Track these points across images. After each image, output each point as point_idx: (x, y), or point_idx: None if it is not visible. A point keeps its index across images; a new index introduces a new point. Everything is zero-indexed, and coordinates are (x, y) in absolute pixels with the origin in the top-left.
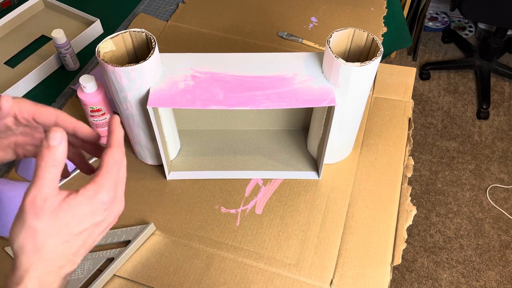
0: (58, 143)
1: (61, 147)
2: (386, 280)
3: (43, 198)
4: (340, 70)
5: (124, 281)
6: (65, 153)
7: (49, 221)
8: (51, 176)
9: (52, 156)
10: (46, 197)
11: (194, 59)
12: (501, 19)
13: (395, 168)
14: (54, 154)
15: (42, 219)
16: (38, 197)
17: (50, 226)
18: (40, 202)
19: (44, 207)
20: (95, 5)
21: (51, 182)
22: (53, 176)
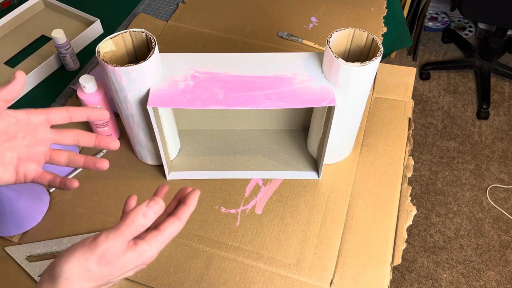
0: (152, 215)
1: (153, 218)
2: (386, 280)
3: (113, 252)
4: (340, 70)
5: (124, 281)
6: (150, 223)
7: (104, 270)
8: (130, 236)
9: (141, 221)
10: (116, 253)
11: (194, 59)
12: (501, 19)
13: (395, 168)
14: (144, 221)
15: (101, 268)
16: (111, 250)
17: (102, 273)
18: (109, 254)
19: (110, 259)
20: (95, 5)
21: (127, 241)
22: (131, 236)
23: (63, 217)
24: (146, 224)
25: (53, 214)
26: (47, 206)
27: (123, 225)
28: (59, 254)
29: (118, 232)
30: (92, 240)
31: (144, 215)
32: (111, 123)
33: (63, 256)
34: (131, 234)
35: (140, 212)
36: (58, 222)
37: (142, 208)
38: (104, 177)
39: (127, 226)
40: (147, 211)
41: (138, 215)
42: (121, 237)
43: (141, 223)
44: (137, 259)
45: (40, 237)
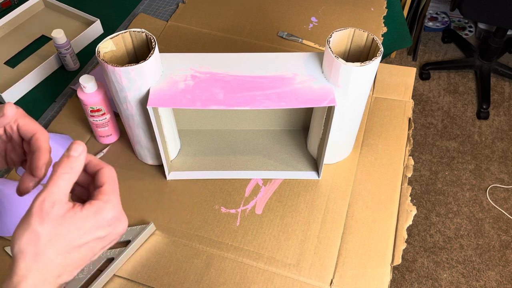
0: (78, 154)
1: (80, 158)
2: (386, 280)
3: (51, 203)
4: (340, 70)
5: (124, 281)
6: (82, 166)
7: (53, 229)
8: (65, 183)
9: (69, 164)
10: (55, 202)
11: (194, 59)
12: (501, 19)
13: (395, 168)
14: (72, 163)
15: (47, 225)
16: (47, 201)
17: (53, 234)
18: (47, 206)
19: (51, 212)
20: (95, 5)
21: (63, 189)
22: (66, 183)
23: None
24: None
25: None
26: None
27: (52, 174)
28: None
29: (49, 181)
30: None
31: (67, 156)
32: (111, 123)
33: (14, 231)
34: (64, 180)
35: (64, 156)
36: None
37: (64, 153)
38: None
39: (55, 172)
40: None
41: (63, 159)
42: (53, 186)
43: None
44: (93, 217)
45: None
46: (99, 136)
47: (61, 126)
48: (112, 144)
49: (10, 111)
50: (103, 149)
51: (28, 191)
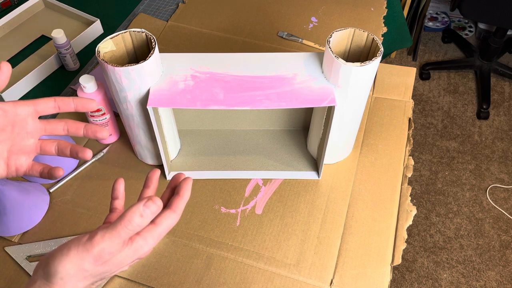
0: (150, 215)
1: (150, 218)
2: (386, 280)
3: (109, 252)
4: (340, 70)
5: (124, 281)
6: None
7: (100, 268)
8: (126, 236)
9: (138, 221)
10: (112, 252)
11: (194, 59)
12: (501, 19)
13: (395, 168)
14: (142, 222)
15: (97, 267)
16: (107, 250)
17: (97, 272)
18: (105, 254)
19: (106, 258)
20: (95, 5)
21: (123, 240)
22: (128, 236)
23: (63, 217)
24: (143, 224)
25: (53, 214)
26: (47, 206)
27: (119, 225)
28: (53, 252)
29: (115, 232)
30: (87, 240)
31: (141, 215)
32: (111, 123)
33: (57, 255)
34: (128, 234)
35: (138, 212)
36: (58, 222)
37: (139, 207)
38: (104, 177)
39: (124, 226)
40: (145, 211)
41: (135, 215)
42: (117, 238)
43: (138, 223)
44: (133, 255)
45: (40, 237)
46: None
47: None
48: (112, 144)
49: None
50: (103, 149)
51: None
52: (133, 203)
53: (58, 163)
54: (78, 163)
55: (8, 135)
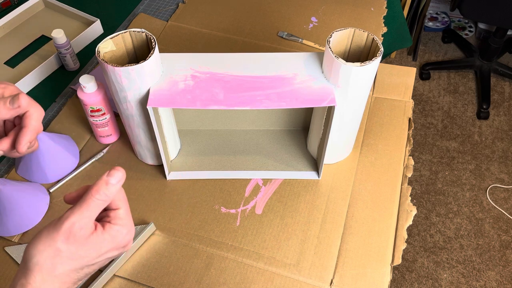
0: (116, 182)
1: (117, 185)
2: (386, 280)
3: (80, 227)
4: (340, 70)
5: (124, 281)
6: (116, 193)
7: (75, 250)
8: (97, 209)
9: (106, 191)
10: (83, 227)
11: (194, 59)
12: (501, 19)
13: (395, 168)
14: (108, 190)
15: (70, 246)
16: (77, 224)
17: (73, 254)
18: (76, 229)
19: (77, 235)
20: (95, 5)
21: (94, 214)
22: (98, 209)
23: None
24: (109, 193)
25: (53, 214)
26: (47, 206)
27: (88, 197)
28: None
29: (84, 204)
30: (57, 219)
31: (106, 183)
32: (111, 123)
33: (32, 241)
34: (97, 205)
35: (103, 181)
36: None
37: (103, 177)
38: None
39: (92, 196)
40: (110, 179)
41: (101, 185)
42: (86, 210)
43: (105, 192)
44: (110, 240)
45: None
46: (99, 136)
47: (61, 126)
48: (112, 144)
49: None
50: (103, 149)
51: None
52: None
53: (58, 164)
54: (78, 163)
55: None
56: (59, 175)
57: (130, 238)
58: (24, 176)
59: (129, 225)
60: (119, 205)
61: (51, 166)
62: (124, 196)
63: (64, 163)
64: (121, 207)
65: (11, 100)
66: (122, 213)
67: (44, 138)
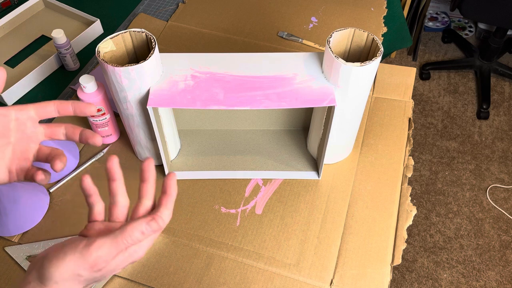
0: (151, 232)
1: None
2: (386, 280)
3: (105, 260)
4: (340, 70)
5: (124, 281)
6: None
7: (95, 274)
8: (124, 248)
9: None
10: (108, 260)
11: (194, 59)
12: (501, 19)
13: (395, 168)
14: (141, 238)
15: (92, 273)
16: (103, 258)
17: (92, 276)
18: (102, 262)
19: (101, 266)
20: (95, 5)
21: (119, 251)
22: (125, 248)
23: (63, 217)
24: (142, 240)
25: (53, 214)
26: (47, 206)
27: (120, 237)
28: (48, 254)
29: (114, 243)
30: (84, 247)
31: (142, 233)
32: (111, 123)
33: (53, 260)
34: (126, 246)
35: (140, 229)
36: (58, 222)
37: (142, 225)
38: (104, 177)
39: (124, 238)
40: (147, 229)
41: (136, 231)
42: (115, 248)
43: (138, 238)
44: (127, 259)
45: (40, 237)
46: None
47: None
48: (112, 144)
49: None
50: (103, 149)
51: None
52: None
53: None
54: (78, 163)
55: (9, 140)
56: (59, 175)
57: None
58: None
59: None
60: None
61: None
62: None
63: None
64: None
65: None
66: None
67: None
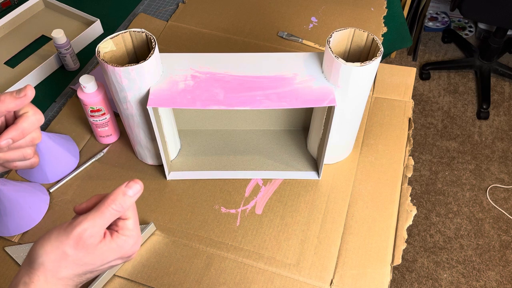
0: (133, 194)
1: (133, 198)
2: (386, 280)
3: (90, 234)
4: (340, 70)
5: (124, 281)
6: (130, 204)
7: (82, 256)
8: (110, 218)
9: (122, 202)
10: (93, 235)
11: (194, 59)
12: (501, 19)
13: (395, 168)
14: (125, 202)
15: (78, 252)
16: (88, 232)
17: (80, 259)
18: (87, 236)
19: (86, 242)
20: (95, 5)
21: (106, 223)
22: (111, 218)
23: (63, 217)
24: (125, 204)
25: (53, 214)
26: (47, 206)
27: (103, 206)
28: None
29: (98, 212)
30: (69, 223)
31: (124, 193)
32: (111, 123)
33: (40, 240)
34: (112, 215)
35: (121, 191)
36: (58, 222)
37: (121, 187)
38: (104, 177)
39: (107, 205)
40: (128, 191)
41: (118, 195)
42: (99, 218)
43: (121, 202)
44: (118, 250)
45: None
46: (99, 136)
47: (61, 126)
48: (112, 144)
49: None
50: (103, 149)
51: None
52: None
53: (58, 164)
54: (78, 163)
55: None
56: (59, 175)
57: (136, 249)
58: (24, 176)
59: (136, 236)
60: (129, 215)
61: (51, 166)
62: (134, 207)
63: (64, 163)
64: (130, 217)
65: (18, 90)
66: (131, 224)
67: (44, 138)
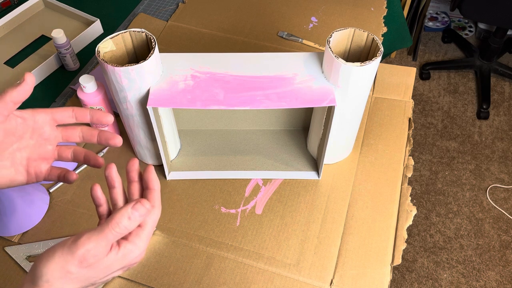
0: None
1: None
2: (386, 280)
3: (94, 254)
4: (340, 70)
5: (124, 281)
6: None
7: (86, 272)
8: (114, 239)
9: (126, 224)
10: (97, 255)
11: (194, 59)
12: (501, 19)
13: (395, 168)
14: (130, 224)
15: (82, 270)
16: (92, 252)
17: (83, 276)
18: (90, 256)
19: (90, 261)
20: (95, 5)
21: (110, 243)
22: (115, 239)
23: (63, 217)
24: (131, 227)
25: (53, 214)
26: (47, 206)
27: (107, 228)
28: (40, 255)
29: (102, 234)
30: (72, 242)
31: (129, 218)
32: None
33: (43, 258)
34: (115, 237)
35: (126, 215)
36: (58, 222)
37: (128, 210)
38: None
39: (111, 228)
40: (133, 214)
41: (123, 218)
42: (104, 240)
43: (126, 225)
44: (122, 260)
45: (40, 237)
46: None
47: None
48: None
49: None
50: (103, 149)
51: None
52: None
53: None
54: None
55: (27, 142)
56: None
57: (140, 259)
58: None
59: (143, 247)
60: (146, 225)
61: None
62: (155, 219)
63: (64, 163)
64: (146, 228)
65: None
66: (144, 235)
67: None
